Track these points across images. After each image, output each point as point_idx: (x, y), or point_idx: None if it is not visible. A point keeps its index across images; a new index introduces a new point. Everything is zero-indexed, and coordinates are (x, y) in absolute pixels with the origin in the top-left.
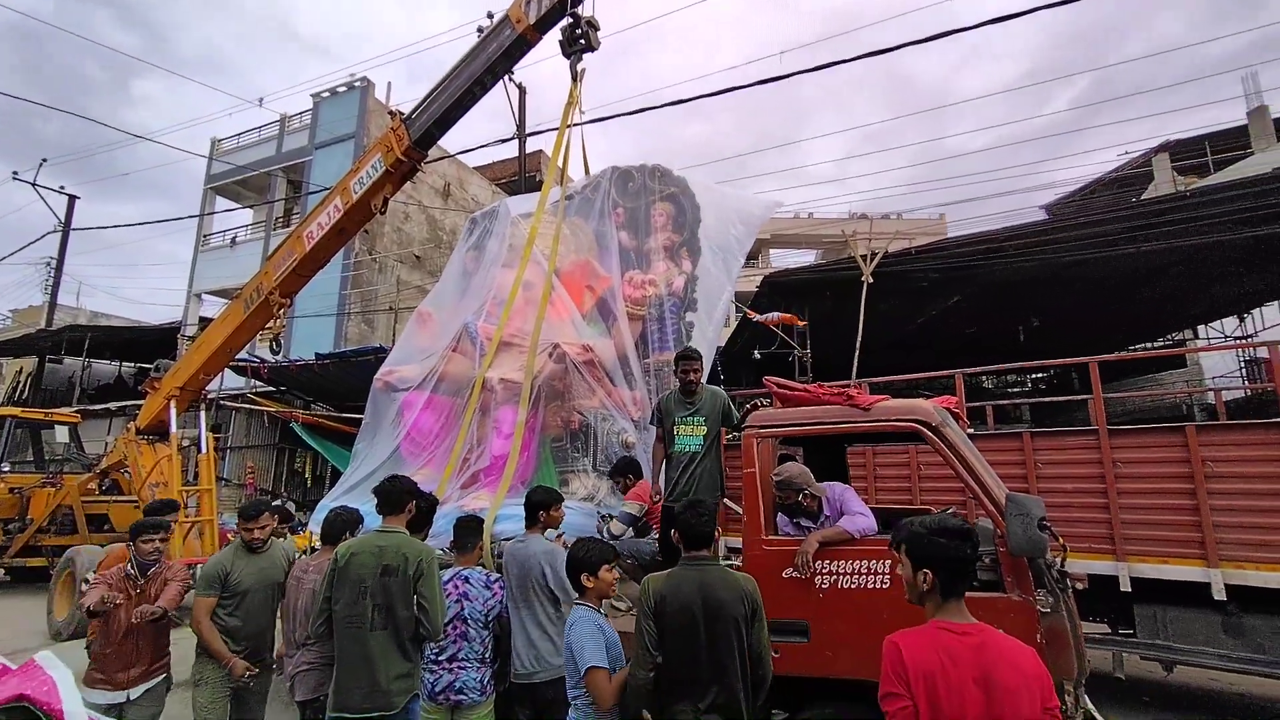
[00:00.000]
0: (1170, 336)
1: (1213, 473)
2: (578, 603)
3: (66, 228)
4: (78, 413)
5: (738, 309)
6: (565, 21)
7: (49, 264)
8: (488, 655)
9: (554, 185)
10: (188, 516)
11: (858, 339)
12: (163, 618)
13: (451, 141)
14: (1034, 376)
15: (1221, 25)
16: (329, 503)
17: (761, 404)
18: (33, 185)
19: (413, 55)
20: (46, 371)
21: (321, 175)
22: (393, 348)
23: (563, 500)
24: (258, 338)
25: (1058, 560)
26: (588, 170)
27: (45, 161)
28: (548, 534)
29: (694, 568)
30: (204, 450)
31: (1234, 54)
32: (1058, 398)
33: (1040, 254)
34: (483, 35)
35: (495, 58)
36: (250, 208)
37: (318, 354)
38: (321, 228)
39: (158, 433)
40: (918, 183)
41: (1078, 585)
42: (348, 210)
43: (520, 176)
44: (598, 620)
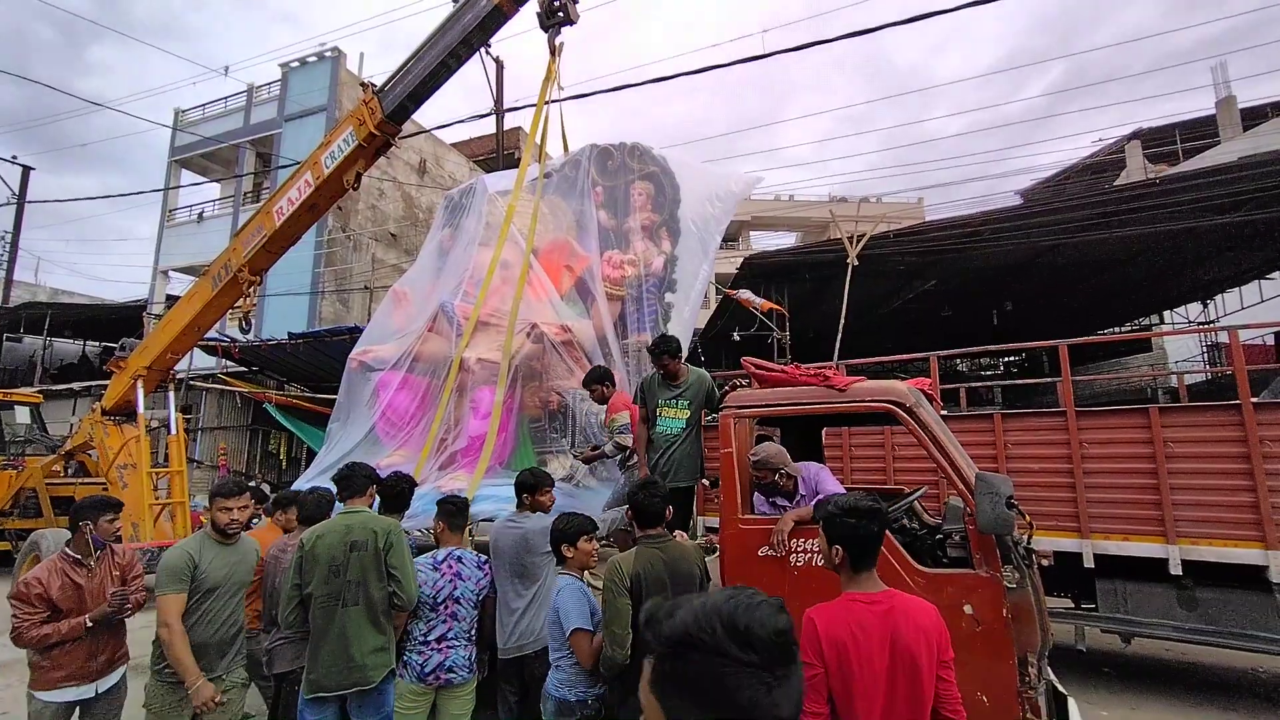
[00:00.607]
0: (1137, 321)
1: (1173, 453)
2: (561, 572)
3: (21, 200)
4: (39, 393)
5: (718, 290)
6: None
7: (3, 239)
8: (473, 634)
9: (532, 163)
10: (157, 499)
11: (840, 321)
12: (129, 614)
13: (427, 116)
14: (1006, 359)
15: (1191, 14)
16: (303, 485)
17: (740, 385)
18: None
19: (387, 25)
20: (5, 350)
21: (292, 149)
22: (367, 327)
23: (553, 484)
24: (228, 316)
25: (1024, 537)
26: (566, 148)
27: None
28: None
29: (654, 545)
30: (173, 431)
31: (1204, 42)
32: (1029, 380)
33: (1015, 239)
34: (458, 5)
35: (471, 29)
36: (218, 181)
37: (291, 333)
38: (292, 203)
39: (124, 413)
40: (894, 166)
41: (1044, 562)
42: (319, 185)
43: (498, 153)
44: (582, 587)
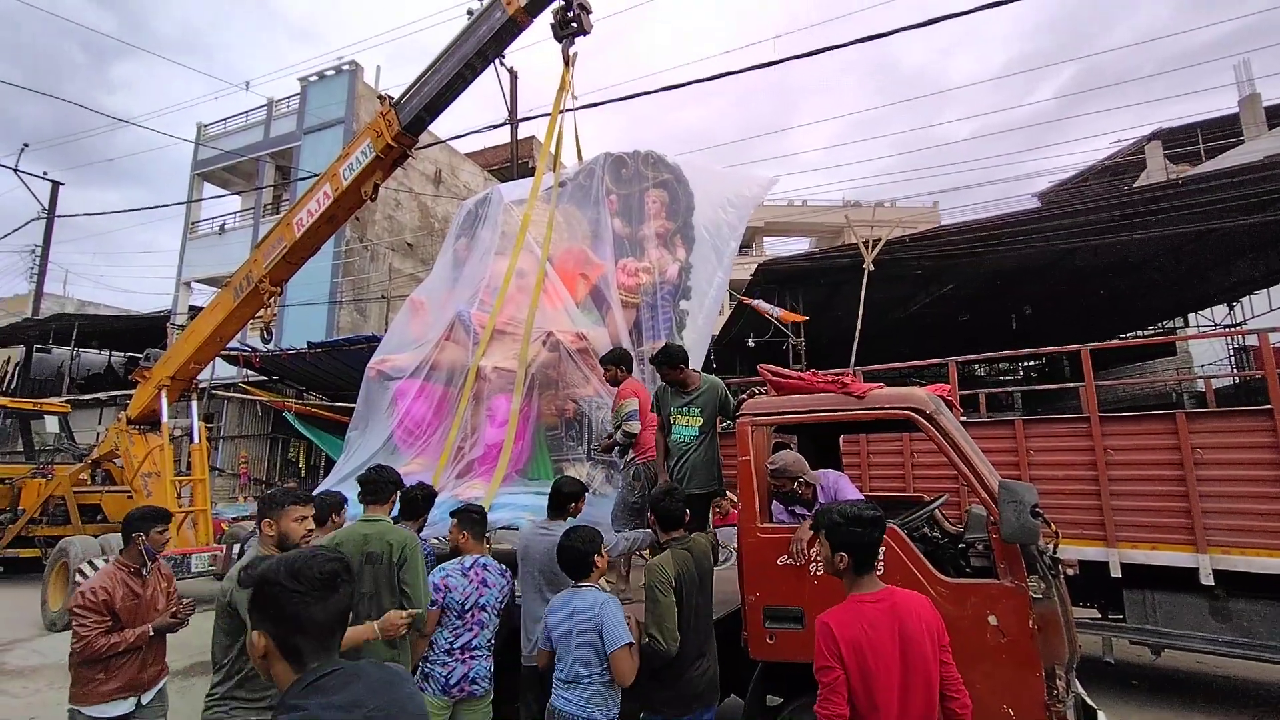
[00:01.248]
0: (1161, 324)
1: (1202, 459)
2: (589, 585)
3: (51, 214)
4: (67, 402)
5: (732, 297)
6: (557, 4)
7: (34, 252)
8: (493, 645)
9: (547, 172)
10: (180, 507)
11: (857, 326)
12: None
13: (442, 127)
14: (1026, 364)
15: (1210, 12)
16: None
17: (756, 392)
18: (14, 171)
19: (402, 38)
20: (34, 361)
21: (310, 161)
22: (385, 336)
23: (586, 493)
24: (249, 326)
25: (1050, 547)
26: (581, 156)
27: (26, 147)
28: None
29: (682, 547)
30: (196, 440)
31: (1223, 41)
32: (1049, 385)
33: (1033, 242)
34: (473, 17)
35: (485, 40)
36: (238, 194)
37: (310, 342)
38: (311, 214)
39: (149, 422)
40: (907, 170)
41: (1069, 571)
42: (337, 197)
43: (512, 163)
44: (618, 601)
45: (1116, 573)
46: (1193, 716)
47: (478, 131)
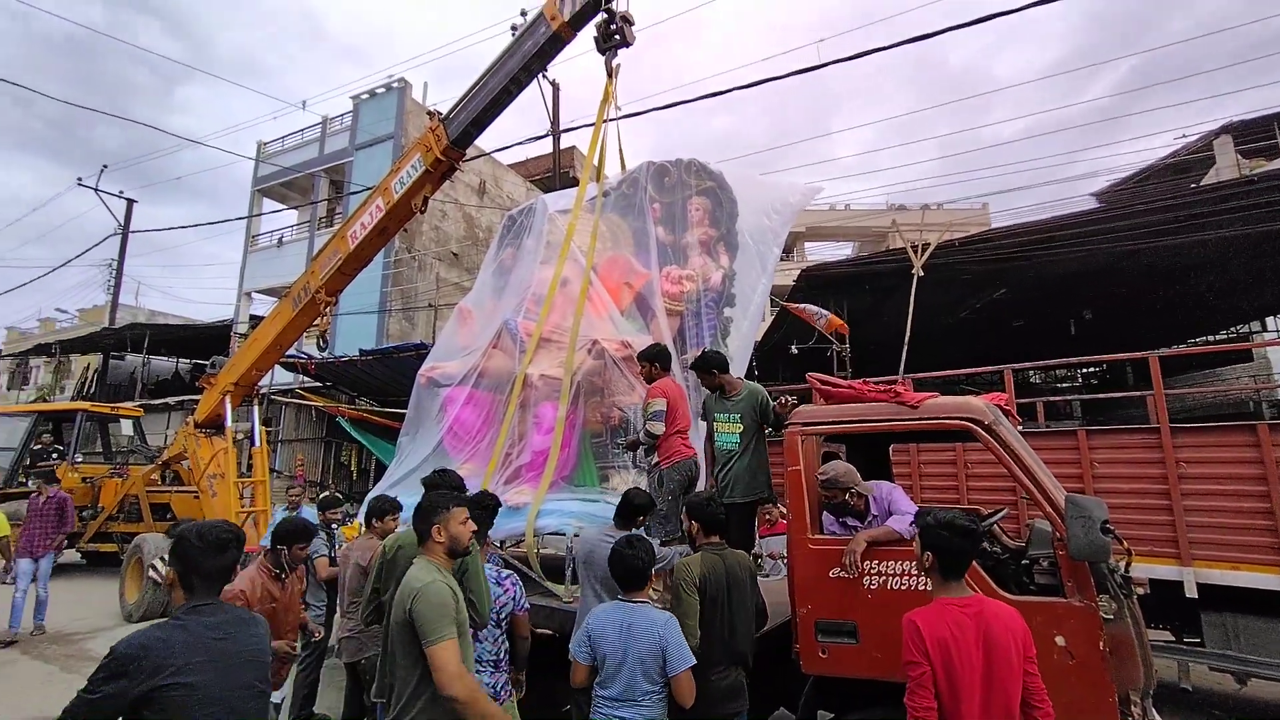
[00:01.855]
0: (1234, 329)
1: None
2: (642, 600)
3: (126, 230)
4: (140, 407)
5: (774, 303)
6: (600, 17)
7: (110, 266)
8: (498, 658)
9: (590, 181)
10: (243, 508)
11: (906, 333)
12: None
13: (486, 139)
14: (1084, 371)
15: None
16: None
17: (787, 400)
18: (95, 191)
19: (447, 55)
20: (110, 368)
21: (362, 175)
22: (434, 344)
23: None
24: (305, 335)
25: (1121, 565)
26: (624, 166)
27: (106, 168)
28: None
29: (715, 552)
30: (257, 443)
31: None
32: (1112, 393)
33: (1092, 244)
34: (517, 33)
35: (530, 55)
36: (295, 208)
37: (361, 350)
38: (364, 227)
39: (214, 426)
40: (955, 172)
41: (1139, 590)
42: (389, 210)
43: (555, 173)
44: (677, 621)
45: (1192, 593)
46: None
47: (521, 143)
